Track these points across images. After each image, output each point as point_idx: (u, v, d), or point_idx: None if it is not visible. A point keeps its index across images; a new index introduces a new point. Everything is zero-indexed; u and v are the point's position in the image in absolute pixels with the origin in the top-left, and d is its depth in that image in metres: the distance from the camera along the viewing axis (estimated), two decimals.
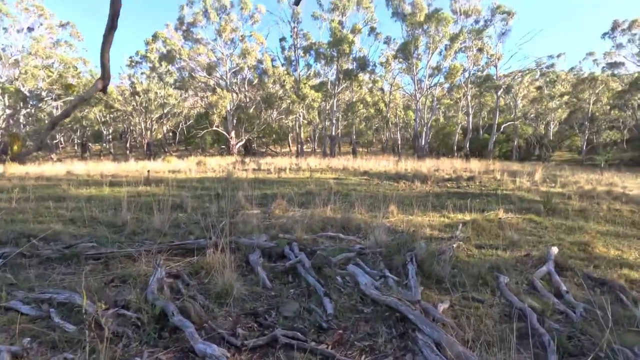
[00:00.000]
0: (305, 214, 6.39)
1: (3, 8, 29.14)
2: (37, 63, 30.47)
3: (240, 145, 35.43)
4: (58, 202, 7.32)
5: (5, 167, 15.90)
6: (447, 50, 30.24)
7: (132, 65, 36.84)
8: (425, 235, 5.34)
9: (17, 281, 3.16)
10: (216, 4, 32.10)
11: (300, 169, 17.27)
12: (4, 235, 4.61)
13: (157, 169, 16.58)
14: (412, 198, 8.58)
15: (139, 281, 3.31)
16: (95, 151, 45.37)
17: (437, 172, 15.39)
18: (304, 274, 3.63)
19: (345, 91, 36.86)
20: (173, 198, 7.65)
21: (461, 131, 37.69)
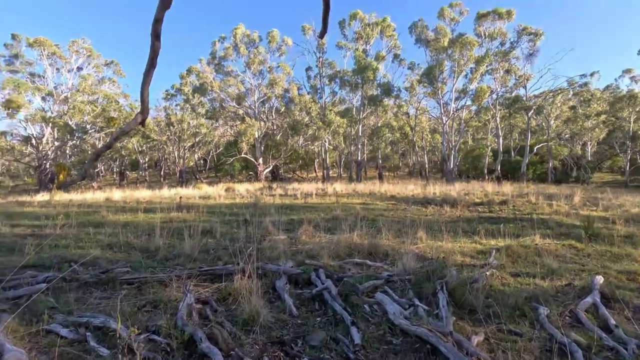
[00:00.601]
0: (331, 239, 6.35)
1: (57, 52, 32.26)
2: (83, 99, 33.12)
3: (267, 172, 36.18)
4: (97, 228, 7.72)
5: (52, 195, 17.05)
6: (472, 73, 30.07)
7: (168, 97, 39.24)
8: (456, 263, 5.14)
9: (58, 304, 3.33)
10: (245, 39, 34.01)
11: (326, 194, 17.31)
12: (48, 260, 4.90)
13: (189, 195, 17.18)
14: (441, 223, 8.34)
15: (170, 306, 3.39)
16: (132, 179, 47.85)
17: (467, 196, 14.93)
18: (331, 301, 3.58)
19: (370, 116, 37.21)
20: (203, 224, 7.87)
21: (491, 153, 36.69)
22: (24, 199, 16.85)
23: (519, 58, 30.56)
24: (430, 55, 30.61)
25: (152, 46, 3.98)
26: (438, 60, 29.63)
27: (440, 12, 30.68)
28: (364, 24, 33.81)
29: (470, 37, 28.09)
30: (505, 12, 29.15)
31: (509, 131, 43.55)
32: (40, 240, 6.37)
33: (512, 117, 35.32)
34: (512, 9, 29.07)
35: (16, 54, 31.63)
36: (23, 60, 32.08)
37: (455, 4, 30.87)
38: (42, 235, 7.00)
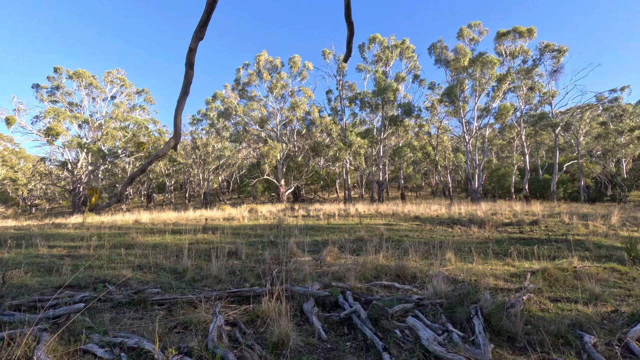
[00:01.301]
0: (357, 261, 6.26)
1: (94, 82, 34.51)
2: (116, 125, 34.97)
3: (289, 193, 36.47)
4: (128, 249, 7.95)
5: (85, 217, 17.79)
6: (495, 92, 29.70)
7: (194, 122, 40.81)
8: (489, 286, 4.93)
9: (94, 324, 3.41)
10: (268, 65, 35.27)
11: (349, 214, 17.20)
12: (83, 280, 5.08)
13: (213, 216, 17.49)
14: (470, 244, 8.08)
15: (200, 328, 3.41)
16: (159, 201, 49.33)
17: (494, 216, 14.44)
18: (360, 325, 3.50)
19: (391, 136, 37.19)
20: (228, 245, 7.96)
21: (517, 172, 35.60)
22: (59, 221, 17.67)
23: (543, 75, 30.04)
24: (451, 75, 30.58)
25: (186, 75, 4.20)
26: (459, 79, 29.54)
27: (460, 32, 30.84)
28: (383, 46, 34.41)
29: (491, 55, 27.94)
30: (526, 30, 28.96)
31: (536, 149, 42.30)
32: (75, 261, 6.62)
33: (538, 134, 34.37)
34: (533, 27, 28.88)
35: (57, 86, 34.02)
36: (63, 91, 34.44)
37: (474, 24, 30.99)
38: (77, 256, 7.27)
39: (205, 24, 3.77)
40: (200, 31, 3.78)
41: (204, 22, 3.74)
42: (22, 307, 3.82)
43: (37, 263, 6.51)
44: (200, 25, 3.74)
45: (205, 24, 3.77)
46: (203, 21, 3.72)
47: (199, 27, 3.77)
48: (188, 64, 4.07)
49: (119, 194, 3.96)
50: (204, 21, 3.73)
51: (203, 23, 3.74)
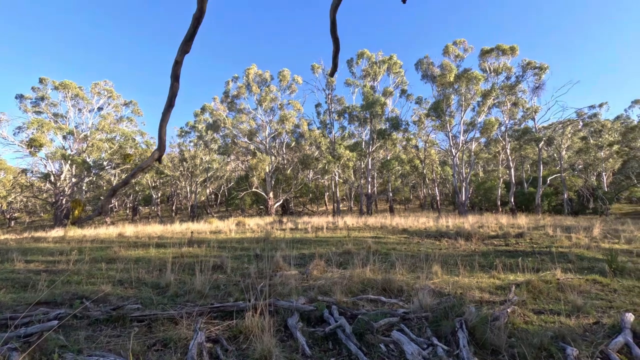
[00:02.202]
0: (344, 274, 6.22)
1: (80, 93, 34.08)
2: (102, 137, 34.45)
3: (278, 205, 36.25)
4: (109, 264, 7.73)
5: (66, 230, 17.30)
6: (480, 107, 30.50)
7: (182, 135, 40.53)
8: (475, 299, 4.95)
9: (68, 342, 3.28)
10: (257, 78, 35.51)
11: (337, 227, 17.15)
12: (60, 296, 4.90)
13: (200, 230, 17.22)
14: (456, 257, 8.13)
15: (180, 345, 3.31)
16: (145, 214, 48.37)
17: (481, 229, 14.60)
18: (345, 340, 3.45)
19: (380, 150, 37.58)
20: (214, 259, 7.82)
21: (503, 185, 36.26)
22: (39, 235, 17.12)
23: (526, 91, 31.02)
24: (437, 90, 31.31)
25: (171, 87, 4.19)
26: (445, 94, 30.25)
27: (445, 49, 31.73)
28: (371, 62, 35.09)
29: (475, 72, 28.79)
30: (509, 48, 30.00)
31: (521, 162, 43.29)
32: (53, 276, 6.40)
33: (522, 148, 35.28)
34: (515, 45, 29.94)
35: (42, 96, 33.46)
36: (48, 102, 33.87)
37: (459, 42, 31.95)
38: (55, 271, 7.03)
39: (192, 37, 3.79)
40: (187, 45, 3.80)
41: (190, 35, 3.76)
42: None
43: (12, 279, 6.27)
44: (187, 39, 3.75)
45: (191, 38, 3.79)
46: (189, 35, 3.74)
47: (185, 41, 3.78)
48: (174, 77, 4.06)
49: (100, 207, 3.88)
50: (190, 35, 3.75)
51: (189, 37, 3.76)
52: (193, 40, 3.87)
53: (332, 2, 3.81)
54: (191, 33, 3.78)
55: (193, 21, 3.72)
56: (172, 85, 4.24)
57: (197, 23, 3.76)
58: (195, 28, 3.79)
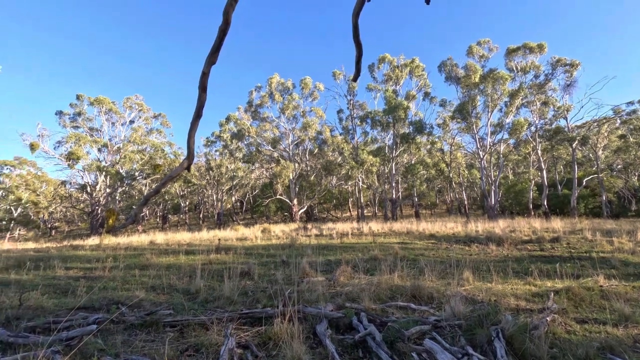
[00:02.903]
0: (371, 281, 6.13)
1: (113, 108, 35.89)
2: (133, 148, 36.02)
3: (302, 212, 36.41)
4: (142, 270, 8.00)
5: (102, 238, 18.10)
6: (507, 107, 29.49)
7: (208, 144, 41.67)
8: (510, 306, 4.73)
9: (106, 346, 3.39)
10: (280, 87, 36.08)
11: (362, 233, 16.99)
12: (97, 301, 5.10)
13: (227, 237, 17.54)
14: (488, 263, 7.83)
15: (211, 350, 3.35)
16: (174, 222, 49.90)
17: (513, 234, 14.03)
18: (376, 348, 3.37)
19: (404, 154, 37.06)
20: (241, 265, 7.92)
21: (535, 187, 34.76)
22: (77, 243, 18.01)
23: (556, 89, 29.76)
24: (462, 92, 30.63)
25: (199, 98, 4.31)
26: (470, 96, 29.52)
27: (469, 49, 31.06)
28: (392, 66, 34.87)
29: (502, 72, 27.95)
30: (537, 45, 28.97)
31: (553, 164, 41.44)
32: (91, 282, 6.69)
33: (554, 149, 33.76)
34: (543, 42, 28.88)
35: (79, 112, 35.48)
36: (84, 117, 35.85)
37: (484, 42, 31.19)
38: (92, 277, 7.35)
39: (218, 49, 3.88)
40: (213, 56, 3.90)
41: (217, 47, 3.86)
42: (37, 328, 3.84)
43: (53, 285, 6.60)
44: (213, 50, 3.86)
45: (217, 49, 3.88)
46: (215, 47, 3.84)
47: (211, 53, 3.89)
48: (201, 87, 4.18)
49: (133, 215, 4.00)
50: (216, 47, 3.85)
51: (215, 48, 3.86)
52: (219, 52, 3.98)
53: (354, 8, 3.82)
54: (217, 44, 3.88)
55: (219, 33, 3.82)
56: (200, 96, 4.36)
57: (222, 35, 3.86)
58: (221, 40, 3.89)
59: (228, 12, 3.73)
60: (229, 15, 3.76)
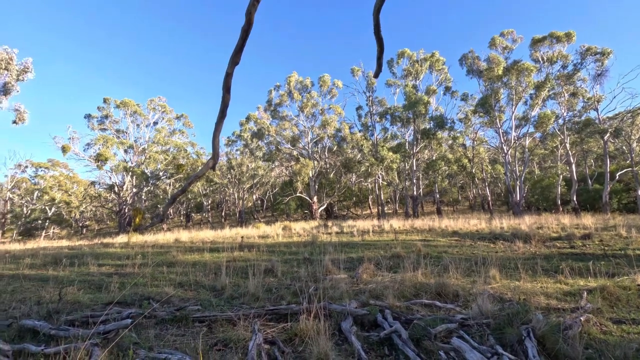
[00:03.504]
0: (394, 278, 6.09)
1: (138, 110, 37.04)
2: (157, 149, 37.09)
3: (322, 210, 36.50)
4: (169, 267, 8.26)
5: (129, 237, 18.77)
6: (533, 99, 28.41)
7: (229, 144, 42.42)
8: (541, 305, 4.59)
9: (140, 340, 3.54)
10: (299, 85, 36.20)
11: (383, 230, 16.87)
12: (129, 297, 5.31)
13: (249, 234, 17.82)
14: (515, 260, 7.62)
15: (239, 345, 3.44)
16: (197, 220, 51.11)
17: (540, 230, 13.57)
18: (402, 346, 3.36)
19: (424, 150, 36.48)
20: (264, 263, 8.04)
21: (564, 182, 33.43)
22: (107, 241, 18.75)
23: (586, 80, 28.42)
24: (484, 85, 29.78)
25: (223, 98, 4.39)
26: (493, 89, 28.65)
27: (492, 41, 30.15)
28: (412, 60, 34.31)
29: (526, 63, 26.95)
30: (564, 34, 27.76)
31: (583, 157, 39.73)
32: (122, 279, 6.96)
33: (584, 142, 32.35)
34: (571, 31, 27.63)
35: (106, 115, 36.81)
36: (111, 119, 37.17)
37: (507, 32, 30.20)
38: (123, 273, 7.65)
39: (241, 49, 3.94)
40: (236, 56, 3.96)
41: (240, 47, 3.92)
42: (76, 322, 4.04)
43: (88, 281, 6.92)
44: (236, 50, 3.91)
45: (240, 50, 3.94)
46: (239, 47, 3.90)
47: (235, 53, 3.95)
48: (225, 88, 4.25)
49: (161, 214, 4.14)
50: (239, 47, 3.91)
51: (239, 49, 3.92)
52: (242, 52, 4.04)
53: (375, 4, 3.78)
54: (240, 45, 3.94)
55: (242, 33, 3.87)
56: (224, 96, 4.43)
57: (245, 35, 3.91)
58: (244, 40, 3.94)
59: (250, 12, 3.77)
60: (251, 15, 3.80)
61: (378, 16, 3.87)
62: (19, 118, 17.82)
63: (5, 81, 16.87)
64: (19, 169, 44.82)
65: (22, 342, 3.51)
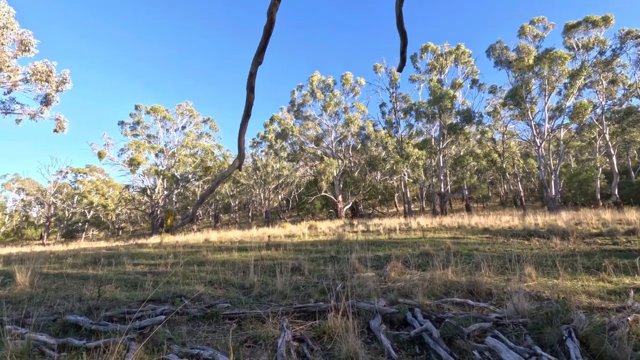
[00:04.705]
0: (423, 276, 5.95)
1: (167, 115, 38.41)
2: (186, 152, 38.31)
3: (347, 208, 36.37)
4: (200, 266, 8.49)
5: (162, 237, 19.49)
6: (567, 89, 26.95)
7: (254, 145, 43.11)
8: (582, 305, 4.33)
9: (173, 336, 3.65)
10: (321, 85, 36.24)
11: (410, 228, 16.57)
12: (162, 294, 5.50)
13: (275, 234, 18.03)
14: (552, 258, 7.25)
15: (269, 342, 3.46)
16: (225, 221, 52.36)
17: (579, 226, 12.87)
18: (433, 345, 3.27)
19: (451, 146, 35.54)
20: (291, 261, 8.10)
21: (603, 176, 31.53)
22: (141, 242, 19.56)
23: (626, 65, 26.66)
24: (514, 76, 28.59)
25: (247, 98, 4.44)
26: (523, 79, 27.45)
27: (521, 30, 28.92)
28: (436, 54, 33.54)
29: (559, 51, 25.62)
30: (601, 18, 26.18)
31: (624, 148, 37.31)
32: (155, 277, 7.22)
33: (626, 132, 30.34)
34: (609, 14, 26.02)
35: (138, 121, 38.43)
36: (142, 125, 38.76)
37: (538, 20, 28.87)
38: (157, 272, 7.94)
39: (264, 49, 3.97)
40: (259, 56, 4.00)
41: (262, 47, 3.95)
42: (114, 318, 4.23)
43: (124, 279, 7.23)
44: (259, 50, 3.95)
45: (263, 50, 3.97)
46: (261, 47, 3.94)
47: (257, 53, 3.98)
48: (249, 88, 4.30)
49: (191, 214, 4.25)
50: (262, 47, 3.95)
51: (261, 48, 3.96)
52: (265, 52, 4.07)
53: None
54: (263, 44, 3.97)
55: (264, 33, 3.90)
56: (248, 96, 4.49)
57: (267, 35, 3.94)
58: (266, 40, 3.97)
59: (272, 12, 3.79)
60: (273, 15, 3.81)
61: (400, 9, 3.79)
62: (59, 127, 18.90)
63: (46, 92, 17.95)
64: (60, 174, 47.65)
65: (65, 336, 3.71)
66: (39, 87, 17.61)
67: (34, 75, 17.08)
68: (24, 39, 16.44)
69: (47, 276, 8.19)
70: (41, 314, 4.52)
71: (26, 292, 6.38)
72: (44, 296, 5.90)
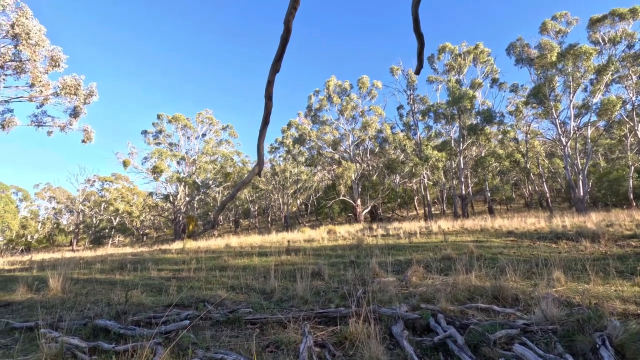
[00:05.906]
0: (446, 281, 5.84)
1: (188, 124, 39.42)
2: (207, 159, 39.15)
3: (366, 212, 36.13)
4: (221, 271, 8.62)
5: (184, 243, 19.93)
6: (594, 85, 25.91)
7: (272, 150, 43.62)
8: (616, 311, 4.14)
9: (198, 340, 3.72)
10: (337, 89, 36.32)
11: (431, 232, 16.29)
12: (186, 299, 5.62)
13: (294, 239, 18.11)
14: (582, 261, 6.96)
15: (291, 348, 3.48)
16: (245, 226, 53.03)
17: (610, 228, 12.30)
18: (458, 352, 3.19)
19: (472, 147, 34.82)
20: (311, 266, 8.11)
21: (636, 174, 30.06)
22: (165, 247, 20.06)
23: None
24: (536, 74, 27.75)
25: (266, 106, 4.52)
26: (546, 77, 26.61)
27: (543, 26, 28.10)
28: (454, 54, 33.01)
29: (584, 46, 24.70)
30: (629, 11, 25.14)
31: None
32: (179, 282, 7.39)
33: None
34: (637, 6, 24.94)
35: (160, 130, 39.61)
36: (164, 134, 39.92)
37: (560, 15, 27.99)
38: (180, 277, 8.12)
39: (281, 57, 4.04)
40: (277, 64, 4.07)
41: (280, 55, 4.02)
42: (141, 322, 4.36)
43: (149, 284, 7.43)
44: (277, 58, 4.02)
45: (280, 57, 4.04)
46: (279, 54, 4.00)
47: (275, 61, 4.05)
48: (267, 96, 4.37)
49: (213, 220, 4.33)
50: (279, 55, 4.01)
51: (279, 57, 4.03)
52: (282, 59, 4.13)
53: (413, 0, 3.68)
54: (280, 52, 4.04)
55: (281, 41, 3.96)
56: (266, 104, 4.56)
57: (285, 42, 4.00)
58: (283, 47, 4.03)
59: (289, 20, 3.85)
60: (289, 23, 3.87)
61: (417, 11, 3.77)
62: (87, 137, 19.73)
63: (74, 105, 18.80)
64: (88, 183, 49.64)
65: (96, 339, 3.85)
66: (68, 100, 18.48)
67: (64, 89, 17.93)
68: (54, 55, 17.31)
69: (77, 281, 8.52)
70: (73, 318, 4.71)
71: (59, 296, 6.66)
72: (75, 301, 6.14)
